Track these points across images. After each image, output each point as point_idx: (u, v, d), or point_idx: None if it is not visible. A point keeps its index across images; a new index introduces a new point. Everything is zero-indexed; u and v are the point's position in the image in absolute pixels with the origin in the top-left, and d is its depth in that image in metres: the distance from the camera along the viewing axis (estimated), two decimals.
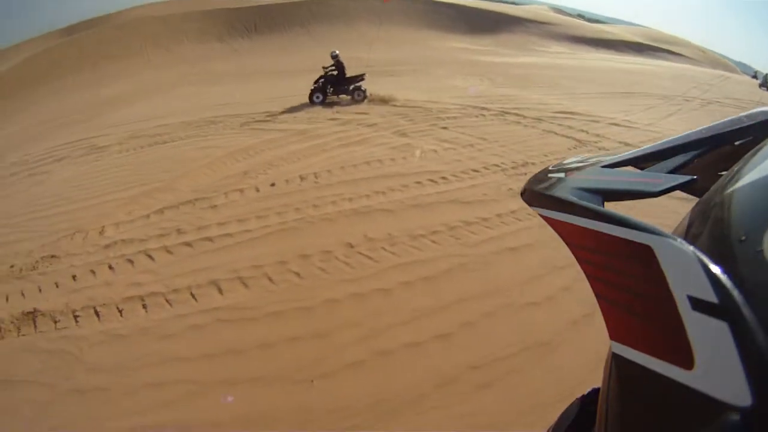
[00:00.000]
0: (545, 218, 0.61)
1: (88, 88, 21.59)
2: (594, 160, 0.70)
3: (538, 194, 0.64)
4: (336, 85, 11.32)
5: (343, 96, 11.43)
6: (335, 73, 11.34)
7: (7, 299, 4.61)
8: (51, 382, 3.47)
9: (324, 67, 11.39)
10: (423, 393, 3.09)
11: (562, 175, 0.66)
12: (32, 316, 4.24)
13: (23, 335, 4.10)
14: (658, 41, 39.13)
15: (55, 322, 4.11)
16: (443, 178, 6.20)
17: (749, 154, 0.54)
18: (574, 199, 0.55)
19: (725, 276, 0.37)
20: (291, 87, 13.17)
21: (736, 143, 0.64)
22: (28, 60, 28.02)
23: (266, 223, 5.17)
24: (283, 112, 10.15)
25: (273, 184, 6.09)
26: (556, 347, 3.49)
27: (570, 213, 0.55)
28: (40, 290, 4.56)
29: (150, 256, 4.72)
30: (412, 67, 18.20)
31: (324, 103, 11.09)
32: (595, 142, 8.43)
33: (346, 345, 3.40)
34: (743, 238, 0.41)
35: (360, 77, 11.45)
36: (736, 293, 0.36)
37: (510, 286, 4.08)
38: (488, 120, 9.86)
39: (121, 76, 12.43)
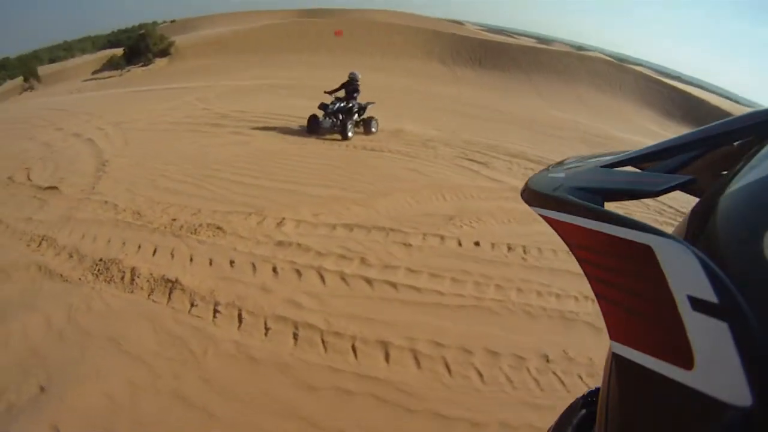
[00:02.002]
0: (545, 218, 0.64)
1: (316, 69, 24.29)
2: (594, 160, 0.75)
3: (538, 194, 0.68)
4: (347, 114, 10.38)
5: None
6: (346, 101, 10.53)
7: (154, 252, 4.67)
8: (158, 371, 3.29)
9: (328, 92, 10.64)
10: None
11: (562, 175, 0.70)
12: (171, 286, 4.16)
13: (153, 301, 4.06)
14: None
15: (192, 304, 3.96)
16: None
17: (749, 154, 0.56)
18: (574, 199, 0.60)
19: (725, 276, 0.40)
20: (506, 132, 13.03)
21: (736, 143, 0.66)
22: (267, 27, 32.98)
23: (461, 290, 4.58)
24: (497, 159, 9.85)
25: (477, 243, 5.54)
26: None
27: (570, 213, 0.59)
28: (191, 260, 4.53)
29: (321, 277, 4.41)
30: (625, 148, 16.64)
31: (318, 134, 10.21)
32: None
33: None
34: (743, 238, 0.44)
35: (369, 104, 10.89)
36: (736, 293, 0.39)
37: None
38: None
39: (346, 68, 13.32)
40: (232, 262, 4.49)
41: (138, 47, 30.47)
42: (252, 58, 27.63)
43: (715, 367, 0.38)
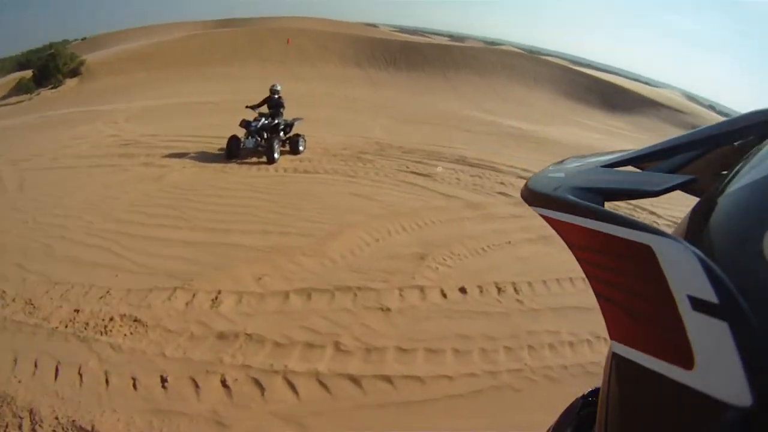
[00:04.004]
0: (545, 218, 0.60)
1: (232, 82, 22.25)
2: (594, 159, 0.70)
3: (538, 194, 0.62)
4: (273, 132, 8.67)
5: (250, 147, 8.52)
6: (271, 118, 8.81)
7: (56, 374, 3.12)
8: None
9: (250, 106, 8.99)
10: None
11: (562, 174, 0.65)
12: None
13: None
14: None
15: None
16: None
17: (749, 154, 0.54)
18: (574, 199, 0.55)
19: (725, 276, 0.37)
20: (433, 134, 11.88)
21: (736, 143, 0.64)
22: (179, 40, 30.45)
23: (470, 366, 3.39)
24: (433, 166, 8.54)
25: (463, 290, 4.34)
26: None
27: (570, 213, 0.55)
28: (107, 382, 3.02)
29: (291, 385, 3.00)
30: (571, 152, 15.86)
31: (240, 158, 8.32)
32: None
33: None
34: (743, 238, 0.41)
35: (296, 120, 9.26)
36: (736, 293, 0.36)
37: None
38: None
39: (265, 80, 11.76)
40: (163, 380, 3.00)
41: (47, 68, 26.53)
42: (165, 74, 24.92)
43: (716, 367, 0.36)
